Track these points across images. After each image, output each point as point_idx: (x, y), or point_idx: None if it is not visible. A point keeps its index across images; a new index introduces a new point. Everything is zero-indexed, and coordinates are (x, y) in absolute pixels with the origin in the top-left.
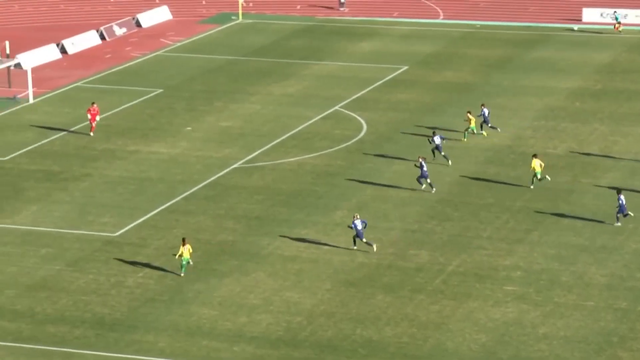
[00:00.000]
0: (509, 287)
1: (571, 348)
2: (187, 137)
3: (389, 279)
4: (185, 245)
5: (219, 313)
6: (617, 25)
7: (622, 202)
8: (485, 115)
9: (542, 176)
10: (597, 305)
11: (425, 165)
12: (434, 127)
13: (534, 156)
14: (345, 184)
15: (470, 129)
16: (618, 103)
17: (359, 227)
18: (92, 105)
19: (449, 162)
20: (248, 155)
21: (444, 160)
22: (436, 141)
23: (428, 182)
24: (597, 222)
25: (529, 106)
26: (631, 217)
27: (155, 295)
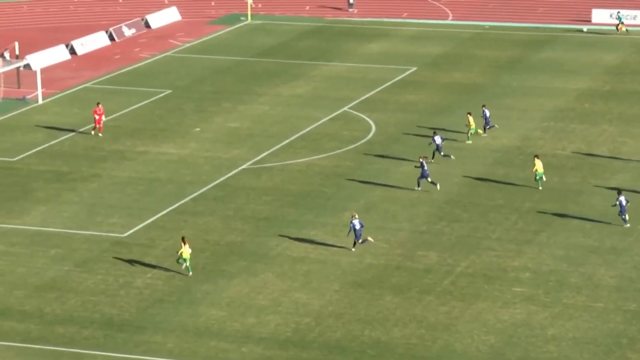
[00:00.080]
0: (517, 288)
1: (580, 349)
2: (196, 138)
3: (397, 280)
4: (185, 244)
5: (227, 314)
6: (620, 25)
7: (623, 202)
8: (486, 116)
9: (540, 176)
10: (606, 306)
11: (425, 165)
12: (443, 128)
13: (536, 157)
14: (353, 185)
15: (472, 130)
16: (627, 104)
17: (356, 227)
18: (97, 106)
19: (451, 157)
20: (257, 156)
21: (446, 161)
22: (437, 141)
23: (429, 181)
24: (606, 224)
25: (537, 107)
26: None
27: (164, 295)
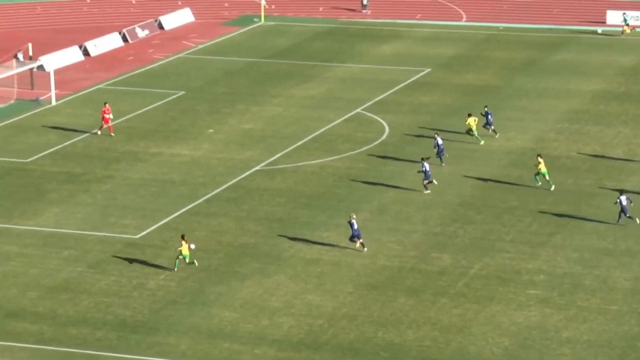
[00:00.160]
0: (532, 291)
1: (594, 352)
2: (209, 139)
3: (411, 282)
4: (185, 241)
5: (241, 315)
6: (625, 27)
7: (623, 203)
8: (488, 117)
9: (537, 174)
10: (620, 309)
11: (426, 166)
12: (455, 130)
13: (539, 156)
14: (367, 186)
15: (473, 132)
16: None
17: (355, 227)
18: (105, 105)
19: (442, 164)
20: (270, 158)
21: (456, 162)
22: (439, 142)
23: (430, 180)
24: (620, 226)
25: (552, 109)
26: (635, 221)
27: (177, 297)
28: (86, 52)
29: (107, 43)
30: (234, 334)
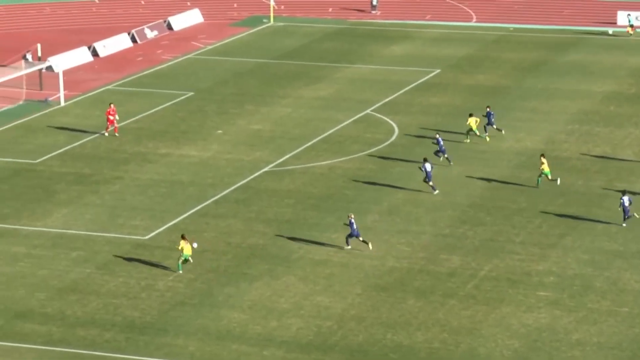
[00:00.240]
0: (541, 293)
1: (605, 354)
2: (218, 140)
3: (420, 284)
4: (185, 241)
5: (249, 317)
6: (629, 28)
7: (625, 202)
8: (490, 117)
9: (539, 176)
10: (631, 311)
11: (427, 167)
12: (465, 131)
13: (542, 156)
14: (376, 187)
15: (473, 132)
16: None
17: (354, 226)
18: (110, 106)
19: (438, 162)
20: (279, 159)
21: (466, 163)
22: (440, 142)
23: (429, 181)
24: (631, 228)
25: (562, 110)
26: (635, 218)
27: (185, 298)
28: (95, 53)
29: (116, 44)
30: (242, 336)
